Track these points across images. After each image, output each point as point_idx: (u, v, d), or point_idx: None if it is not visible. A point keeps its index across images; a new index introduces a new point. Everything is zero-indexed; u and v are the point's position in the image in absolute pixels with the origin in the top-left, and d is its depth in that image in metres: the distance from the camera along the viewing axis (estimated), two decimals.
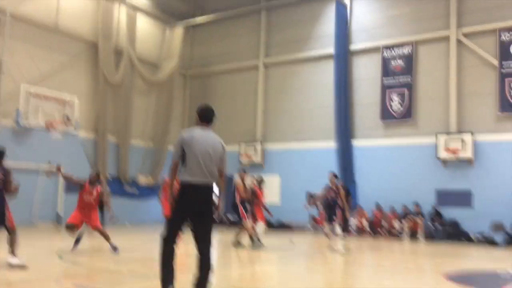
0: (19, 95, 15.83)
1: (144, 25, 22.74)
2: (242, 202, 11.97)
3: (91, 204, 10.14)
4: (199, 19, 23.77)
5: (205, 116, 5.32)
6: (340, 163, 19.25)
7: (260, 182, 12.84)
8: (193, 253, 5.04)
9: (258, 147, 21.75)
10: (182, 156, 5.03)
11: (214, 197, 5.09)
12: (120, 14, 21.34)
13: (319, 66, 21.08)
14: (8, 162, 7.85)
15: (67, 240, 11.80)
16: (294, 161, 20.78)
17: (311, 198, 17.19)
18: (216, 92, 23.87)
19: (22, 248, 9.66)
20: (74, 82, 19.47)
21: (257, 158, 21.64)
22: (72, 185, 18.05)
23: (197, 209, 4.93)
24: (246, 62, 22.99)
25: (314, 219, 19.00)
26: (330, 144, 19.82)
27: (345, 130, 19.56)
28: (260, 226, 12.22)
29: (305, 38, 21.49)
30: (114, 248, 9.70)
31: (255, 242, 11.87)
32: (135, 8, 21.99)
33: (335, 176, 12.73)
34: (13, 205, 8.02)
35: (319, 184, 19.87)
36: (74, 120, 16.70)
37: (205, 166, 4.97)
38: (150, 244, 11.71)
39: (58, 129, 15.74)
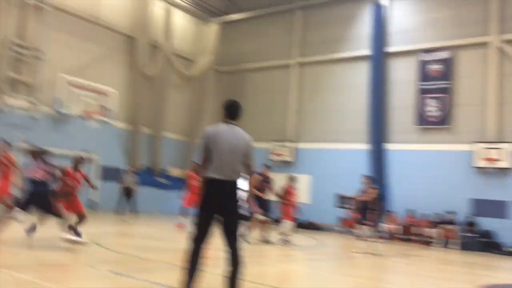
0: (57, 84, 16.18)
1: (180, 20, 22.99)
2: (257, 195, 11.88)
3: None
4: (234, 16, 23.87)
5: (231, 112, 5.17)
6: (372, 166, 19.02)
7: (291, 180, 12.78)
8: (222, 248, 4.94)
9: (289, 145, 21.69)
10: (208, 152, 4.96)
11: (240, 193, 4.98)
12: (158, 8, 21.64)
13: (354, 67, 20.87)
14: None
15: (101, 226, 12.04)
16: (326, 162, 20.64)
17: (341, 199, 17.06)
18: (248, 89, 23.93)
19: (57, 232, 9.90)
20: (111, 73, 19.86)
21: (288, 157, 21.58)
22: (106, 173, 18.46)
23: (222, 204, 4.86)
24: (278, 61, 22.95)
25: (343, 220, 18.83)
26: (362, 147, 19.59)
27: (378, 133, 19.31)
28: (287, 225, 12.16)
29: (340, 39, 21.29)
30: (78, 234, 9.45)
31: (264, 238, 11.97)
32: (172, 3, 22.25)
33: (370, 179, 12.60)
34: None
35: (350, 186, 19.73)
36: (110, 111, 16.98)
37: (228, 163, 4.89)
38: (178, 234, 11.81)
39: (94, 118, 16.05)
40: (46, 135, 17.39)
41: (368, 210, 12.23)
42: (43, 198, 8.04)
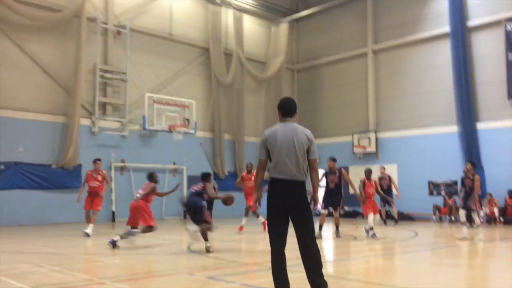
0: (143, 103, 17.16)
1: (250, 25, 23.32)
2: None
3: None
4: (303, 13, 23.77)
5: (286, 110, 5.08)
6: (464, 149, 17.99)
7: (367, 173, 12.60)
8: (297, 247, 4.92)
9: (372, 136, 21.14)
10: (268, 154, 4.96)
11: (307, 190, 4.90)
12: (228, 17, 22.15)
13: (433, 47, 19.87)
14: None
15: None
16: (412, 149, 19.85)
17: (433, 186, 16.36)
18: (325, 84, 23.68)
19: (156, 241, 10.48)
20: (190, 86, 20.71)
21: (371, 148, 21.05)
22: (193, 183, 19.15)
23: (289, 203, 4.81)
24: (353, 51, 22.46)
25: (438, 208, 17.98)
26: (451, 129, 18.58)
27: (468, 112, 18.18)
28: (369, 218, 11.88)
29: (415, 19, 20.37)
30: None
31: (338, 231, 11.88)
32: (241, 10, 22.65)
33: (473, 164, 12.03)
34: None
35: (441, 171, 18.83)
36: (193, 122, 17.65)
37: (290, 162, 4.82)
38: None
39: (179, 131, 16.79)
40: (136, 152, 18.54)
41: (470, 196, 11.67)
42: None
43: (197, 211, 9.14)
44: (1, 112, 15.64)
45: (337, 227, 12.04)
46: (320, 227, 11.52)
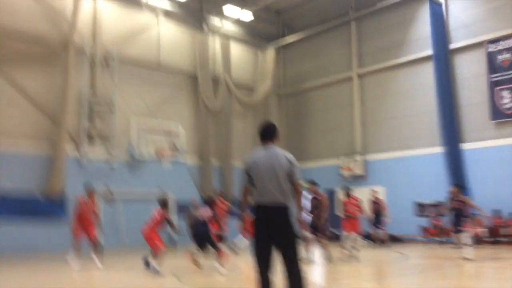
0: (130, 130, 17.19)
1: (237, 52, 23.63)
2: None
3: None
4: (289, 38, 24.15)
5: (266, 134, 5.12)
6: (449, 169, 18.10)
7: (347, 192, 12.73)
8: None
9: (359, 159, 21.25)
10: (250, 180, 4.99)
11: (291, 215, 4.89)
12: (215, 44, 22.46)
13: (417, 70, 20.20)
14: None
15: (182, 261, 12.45)
16: (399, 171, 19.96)
17: (420, 207, 16.49)
18: (312, 108, 23.91)
19: (141, 275, 10.38)
20: (178, 112, 20.81)
21: (358, 171, 21.14)
22: (181, 209, 19.07)
23: (274, 229, 4.81)
24: (339, 75, 22.77)
25: (425, 229, 17.99)
26: (436, 150, 18.75)
27: (451, 133, 18.39)
28: (348, 239, 11.98)
29: (399, 44, 20.75)
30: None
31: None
32: (227, 37, 22.98)
33: (458, 186, 12.37)
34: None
35: (427, 192, 18.91)
36: (180, 148, 17.71)
37: (273, 187, 4.83)
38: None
39: (167, 157, 16.80)
40: (123, 179, 18.47)
41: (462, 217, 11.85)
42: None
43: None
44: None
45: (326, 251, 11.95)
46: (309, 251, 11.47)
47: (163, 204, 10.24)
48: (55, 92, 17.11)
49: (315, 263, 11.68)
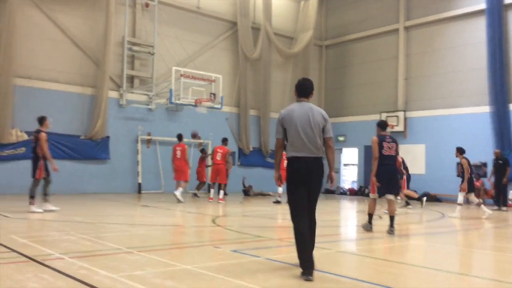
0: (170, 76, 17.16)
1: (279, 0, 22.93)
2: None
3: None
4: None
5: (302, 91, 5.29)
6: (495, 130, 17.50)
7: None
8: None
9: (401, 115, 20.75)
10: (284, 133, 5.11)
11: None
12: None
13: (468, 24, 19.21)
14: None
15: (215, 207, 12.69)
16: (441, 129, 19.45)
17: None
18: (354, 60, 23.27)
19: (182, 214, 10.64)
20: (217, 60, 20.63)
21: (399, 127, 20.70)
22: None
23: (308, 178, 5.02)
24: (384, 27, 21.93)
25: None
26: (482, 109, 18.09)
27: (500, 93, 17.66)
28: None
29: None
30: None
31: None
32: None
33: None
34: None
35: (470, 152, 18.41)
36: (219, 96, 17.63)
37: (307, 141, 5.00)
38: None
39: (204, 104, 16.72)
40: (162, 125, 18.69)
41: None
42: None
43: None
44: (31, 83, 15.94)
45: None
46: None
47: (179, 138, 13.49)
48: (97, 35, 17.16)
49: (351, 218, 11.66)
